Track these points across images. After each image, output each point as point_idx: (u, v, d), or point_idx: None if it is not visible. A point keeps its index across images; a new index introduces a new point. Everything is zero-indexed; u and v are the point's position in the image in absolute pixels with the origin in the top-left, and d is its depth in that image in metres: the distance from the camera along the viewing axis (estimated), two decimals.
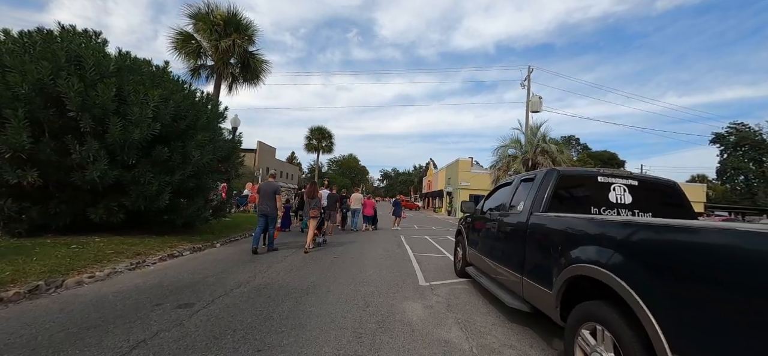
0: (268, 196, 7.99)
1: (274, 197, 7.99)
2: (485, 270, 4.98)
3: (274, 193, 8.01)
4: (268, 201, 7.96)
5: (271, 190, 8.03)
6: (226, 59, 14.21)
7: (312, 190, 9.05)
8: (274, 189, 8.08)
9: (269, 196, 7.98)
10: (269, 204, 7.95)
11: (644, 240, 2.09)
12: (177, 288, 4.75)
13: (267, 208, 7.93)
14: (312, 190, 9.05)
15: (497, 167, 20.05)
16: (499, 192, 5.38)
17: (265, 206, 7.94)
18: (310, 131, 41.75)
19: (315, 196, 8.96)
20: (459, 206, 35.60)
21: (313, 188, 9.10)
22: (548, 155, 18.40)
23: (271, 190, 8.03)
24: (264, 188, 8.20)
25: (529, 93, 22.44)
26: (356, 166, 65.56)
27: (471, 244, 5.88)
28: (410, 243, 11.17)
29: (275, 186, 8.14)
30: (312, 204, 8.82)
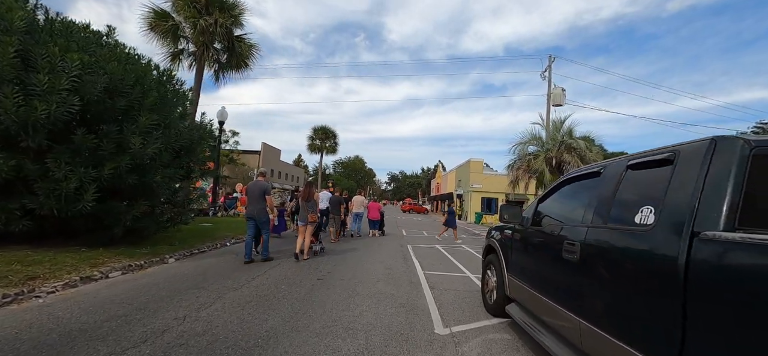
0: (255, 197, 7.08)
1: (263, 199, 7.07)
2: (547, 317, 3.01)
3: (262, 194, 7.08)
4: (255, 203, 7.05)
5: (258, 190, 7.11)
6: (209, 42, 12.52)
7: (307, 192, 7.95)
8: (263, 189, 7.11)
9: (257, 197, 7.07)
10: (257, 206, 7.03)
11: None
12: (44, 342, 2.89)
13: (254, 211, 7.03)
14: (307, 192, 7.95)
15: (515, 167, 17.93)
16: (569, 190, 3.39)
17: (253, 209, 7.07)
18: (314, 130, 40.02)
19: (311, 198, 7.90)
20: (470, 209, 33.70)
21: (308, 190, 7.99)
22: (575, 153, 16.23)
23: (258, 190, 7.11)
24: (251, 188, 7.33)
25: (550, 85, 20.29)
26: (362, 168, 63.67)
27: (514, 271, 3.88)
28: (419, 255, 9.19)
29: (264, 186, 7.17)
30: (308, 208, 7.75)
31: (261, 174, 7.75)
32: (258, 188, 7.14)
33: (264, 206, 7.07)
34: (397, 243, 11.79)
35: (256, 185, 7.27)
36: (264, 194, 7.08)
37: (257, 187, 7.17)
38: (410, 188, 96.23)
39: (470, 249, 11.24)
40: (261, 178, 7.55)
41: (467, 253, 10.28)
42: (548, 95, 20.03)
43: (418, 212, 49.12)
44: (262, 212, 7.05)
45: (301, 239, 7.65)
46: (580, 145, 16.14)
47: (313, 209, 7.78)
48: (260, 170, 8.06)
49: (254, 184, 7.36)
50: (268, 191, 7.19)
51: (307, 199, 7.83)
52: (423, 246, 11.27)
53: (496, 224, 5.14)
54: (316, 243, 8.43)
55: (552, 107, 19.84)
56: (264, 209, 7.07)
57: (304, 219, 7.68)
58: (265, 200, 7.06)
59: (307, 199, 7.82)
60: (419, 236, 14.58)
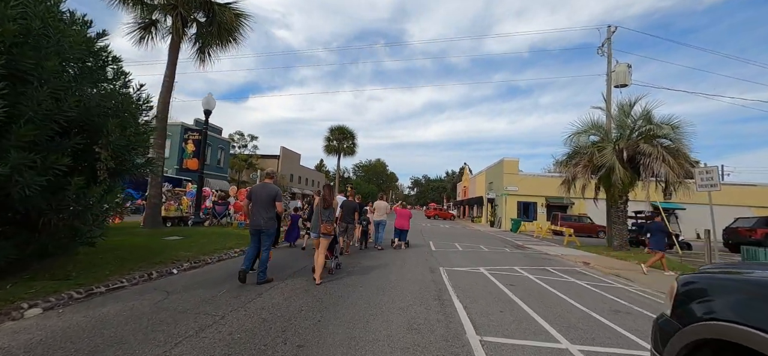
0: (263, 204, 5.78)
1: (273, 206, 5.84)
2: None
3: (271, 200, 5.83)
4: (263, 211, 5.76)
5: (266, 196, 5.83)
6: (184, 8, 10.03)
7: (327, 196, 6.40)
8: (273, 195, 5.87)
9: (266, 203, 5.79)
10: (265, 215, 5.75)
11: None
12: None
13: (262, 221, 5.71)
14: (327, 196, 6.40)
15: (573, 163, 14.22)
16: None
17: (260, 219, 5.72)
18: (330, 130, 37.51)
19: (330, 206, 6.42)
20: (504, 215, 29.58)
21: (328, 194, 6.43)
22: (658, 143, 12.39)
23: (266, 196, 5.83)
24: (257, 192, 5.93)
25: (610, 61, 16.45)
26: (384, 171, 60.72)
27: None
28: (460, 289, 5.98)
29: (273, 191, 5.91)
30: (324, 216, 6.24)
31: (268, 176, 6.24)
32: (266, 192, 5.80)
33: (273, 216, 5.80)
34: (425, 263, 8.60)
35: (263, 189, 5.89)
36: (273, 200, 5.79)
37: (265, 191, 5.81)
38: (434, 193, 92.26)
39: (534, 277, 7.87)
40: (268, 180, 6.12)
41: (534, 286, 6.95)
42: (609, 74, 16.20)
43: (443, 218, 45.45)
44: (271, 223, 5.76)
45: (322, 255, 6.06)
46: (666, 132, 12.28)
47: (329, 218, 6.26)
48: (267, 171, 6.41)
49: (261, 188, 5.97)
50: (278, 197, 5.88)
51: (326, 206, 6.27)
52: (462, 270, 8.01)
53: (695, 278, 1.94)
54: (332, 258, 6.84)
55: (614, 88, 16.00)
56: (273, 219, 5.82)
57: (317, 230, 6.10)
58: (274, 208, 5.78)
59: (327, 206, 6.27)
60: (452, 252, 11.28)
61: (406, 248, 11.62)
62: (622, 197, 13.57)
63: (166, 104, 10.12)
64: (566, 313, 4.93)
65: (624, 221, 13.62)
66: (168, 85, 10.07)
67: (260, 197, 5.78)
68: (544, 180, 30.57)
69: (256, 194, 5.85)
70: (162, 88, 10.05)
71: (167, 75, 10.08)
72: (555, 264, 10.22)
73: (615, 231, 13.72)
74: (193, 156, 11.77)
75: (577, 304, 5.51)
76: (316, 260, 5.99)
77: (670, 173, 11.55)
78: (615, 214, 13.80)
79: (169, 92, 10.09)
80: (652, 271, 9.79)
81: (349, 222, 9.61)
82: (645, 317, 5.08)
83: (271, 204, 5.78)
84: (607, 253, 12.93)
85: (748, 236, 16.86)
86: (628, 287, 7.60)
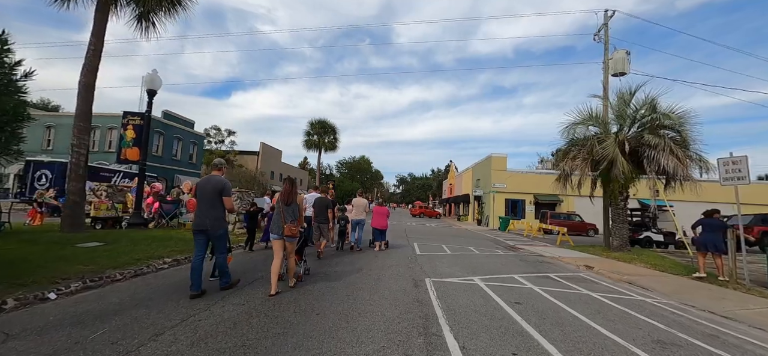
0: (209, 199, 4.71)
1: (220, 202, 4.76)
2: None
3: (217, 195, 4.73)
4: (208, 208, 4.70)
5: (212, 190, 4.72)
6: None
7: (288, 193, 5.33)
8: (219, 188, 4.74)
9: (211, 199, 4.72)
10: (211, 214, 4.69)
11: None
12: None
13: (206, 220, 4.66)
14: (288, 193, 5.33)
15: (571, 156, 13.00)
16: None
17: (204, 217, 4.68)
18: (310, 124, 35.42)
19: (292, 202, 5.31)
20: (492, 213, 28.43)
21: (289, 188, 5.37)
22: (665, 134, 11.27)
23: (212, 190, 4.72)
24: (202, 187, 4.81)
25: (608, 48, 15.37)
26: (368, 169, 59.01)
27: None
28: (451, 312, 4.49)
29: (220, 184, 4.76)
30: (287, 215, 5.18)
31: (215, 166, 5.19)
32: (211, 186, 4.83)
33: (221, 214, 4.88)
34: (408, 272, 7.08)
35: (208, 182, 4.92)
36: (220, 195, 4.83)
37: (210, 185, 4.85)
38: (419, 191, 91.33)
39: (539, 289, 6.47)
40: (216, 172, 5.10)
41: (544, 303, 5.54)
42: (606, 61, 15.12)
43: (429, 216, 44.26)
44: (218, 222, 4.84)
45: (278, 262, 5.12)
46: (675, 122, 11.14)
47: (293, 217, 5.31)
48: (216, 162, 5.27)
49: (206, 181, 4.98)
50: (226, 191, 4.89)
51: (288, 202, 5.33)
52: (453, 282, 6.53)
53: None
54: (300, 263, 6.01)
55: (612, 76, 14.92)
56: (221, 217, 4.89)
57: (279, 231, 5.17)
58: (222, 205, 4.86)
59: (288, 202, 5.33)
60: (440, 257, 9.82)
61: (386, 250, 10.40)
62: (622, 193, 12.46)
63: (91, 84, 8.21)
64: (602, 351, 3.51)
65: (624, 220, 12.51)
66: (93, 58, 8.15)
67: (205, 191, 4.77)
68: (533, 177, 29.69)
69: (200, 189, 4.84)
70: (85, 60, 8.12)
71: (92, 45, 8.16)
72: (556, 269, 8.92)
73: (615, 230, 12.59)
74: (134, 144, 9.81)
75: (608, 332, 4.12)
76: (273, 270, 5.02)
77: (679, 167, 10.44)
78: (614, 212, 12.67)
79: (93, 66, 8.17)
80: (657, 274, 8.63)
81: (322, 222, 8.63)
82: (697, 349, 3.76)
83: (218, 200, 4.77)
84: (607, 254, 11.79)
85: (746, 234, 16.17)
86: (648, 297, 6.36)
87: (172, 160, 32.39)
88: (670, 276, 8.74)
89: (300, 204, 5.78)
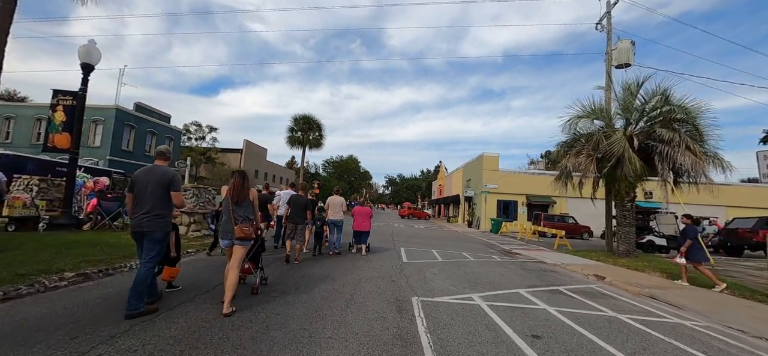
0: (149, 195, 3.82)
1: (166, 197, 3.89)
2: None
3: (164, 188, 3.87)
4: (149, 204, 3.81)
5: (155, 182, 3.86)
6: None
7: (237, 189, 4.26)
8: (166, 181, 3.89)
9: (153, 194, 3.83)
10: (152, 211, 3.81)
11: None
12: None
13: (144, 220, 3.78)
14: (237, 189, 4.26)
15: (574, 152, 11.80)
16: None
17: (143, 216, 3.79)
18: (294, 120, 33.52)
19: (244, 200, 4.29)
20: (483, 214, 27.11)
21: (238, 186, 4.27)
22: (679, 129, 10.15)
23: (155, 182, 3.86)
24: (142, 178, 3.90)
25: (610, 38, 14.31)
26: (356, 168, 57.41)
27: None
28: (444, 345, 3.11)
29: (167, 175, 3.91)
30: (239, 214, 4.22)
31: (160, 155, 4.08)
32: (155, 178, 3.83)
33: (165, 213, 3.86)
34: (392, 287, 5.67)
35: (150, 173, 3.88)
36: (167, 189, 3.84)
37: (153, 177, 3.84)
38: (409, 192, 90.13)
39: (554, 310, 5.15)
40: (161, 161, 4.03)
41: (567, 334, 4.21)
42: (608, 52, 14.05)
43: (418, 217, 43.01)
44: (159, 222, 3.80)
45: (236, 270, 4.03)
46: (692, 115, 10.02)
47: (245, 216, 4.22)
48: (160, 149, 4.13)
49: (147, 171, 3.91)
50: (173, 184, 3.88)
51: (238, 201, 4.24)
52: (447, 302, 5.15)
53: None
54: (256, 272, 5.10)
55: (615, 68, 13.86)
56: (164, 217, 3.85)
57: (229, 235, 4.14)
58: (167, 202, 3.87)
59: (238, 201, 4.24)
60: (430, 266, 8.44)
61: (367, 254, 9.21)
62: (628, 193, 11.34)
63: None
64: None
65: (631, 223, 11.39)
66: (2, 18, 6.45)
67: (146, 184, 3.84)
68: (526, 178, 28.74)
69: (139, 181, 3.88)
70: None
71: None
72: (564, 281, 7.67)
73: (620, 234, 11.47)
74: (64, 129, 8.11)
75: None
76: (227, 277, 4.05)
77: (698, 164, 9.34)
78: (620, 214, 11.55)
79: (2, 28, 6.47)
80: (678, 286, 7.47)
81: (298, 222, 7.70)
82: None
83: (163, 195, 3.85)
84: (614, 261, 10.63)
85: (749, 238, 15.39)
86: (685, 318, 5.18)
87: (144, 156, 30.24)
88: (693, 287, 7.59)
89: (254, 202, 4.44)
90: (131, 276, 4.44)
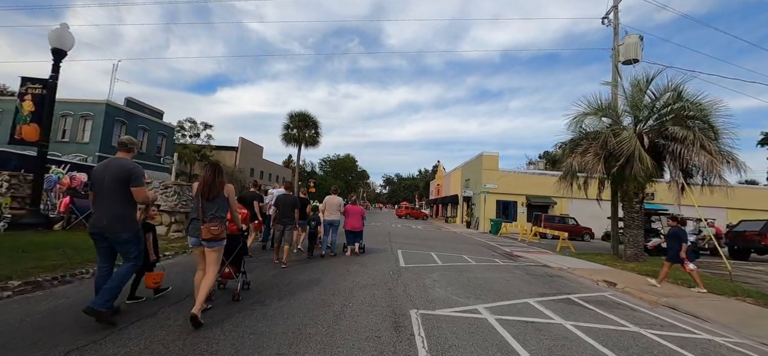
0: (108, 191, 3.40)
1: (125, 194, 3.43)
2: None
3: (123, 184, 3.42)
4: (108, 202, 3.41)
5: (114, 177, 3.41)
6: None
7: (208, 183, 3.76)
8: (125, 176, 3.43)
9: (112, 191, 3.40)
10: (112, 209, 3.40)
11: None
12: None
13: (104, 218, 3.39)
14: (208, 183, 3.76)
15: (580, 151, 11.24)
16: None
17: (102, 216, 3.39)
18: (289, 117, 32.79)
19: (217, 195, 3.79)
20: (483, 215, 26.51)
21: (210, 180, 3.78)
22: (694, 127, 9.60)
23: (114, 177, 3.41)
24: (99, 173, 3.48)
25: (617, 33, 13.79)
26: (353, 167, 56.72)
27: None
28: None
29: (125, 169, 3.45)
30: (208, 211, 3.71)
31: (122, 146, 3.61)
32: (112, 172, 3.39)
33: (127, 212, 3.47)
34: (387, 296, 5.08)
35: (107, 168, 3.45)
36: (126, 184, 3.40)
37: (110, 171, 3.41)
38: (406, 192, 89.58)
39: (571, 325, 4.57)
40: (123, 154, 3.58)
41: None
42: (615, 48, 13.52)
43: (416, 217, 42.48)
44: (122, 221, 3.42)
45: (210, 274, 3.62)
46: (706, 112, 9.48)
47: (216, 215, 3.68)
48: (123, 139, 3.64)
49: (104, 166, 3.48)
50: (134, 179, 3.42)
51: (209, 196, 3.72)
52: (449, 315, 4.57)
53: None
54: (237, 276, 4.62)
55: (621, 64, 13.33)
56: (126, 217, 3.46)
57: (197, 234, 3.65)
58: (128, 199, 3.43)
59: (210, 196, 3.72)
60: (429, 271, 7.86)
61: (362, 256, 8.82)
62: (638, 194, 10.82)
63: None
64: None
65: (640, 225, 10.87)
66: None
67: (100, 180, 3.42)
68: (526, 178, 28.25)
69: (97, 176, 3.47)
70: None
71: None
72: (573, 288, 7.11)
73: (628, 237, 10.93)
74: (32, 120, 7.44)
75: None
76: (196, 283, 3.73)
77: (714, 164, 8.81)
78: (628, 215, 11.02)
79: None
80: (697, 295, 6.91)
81: (286, 223, 7.16)
82: None
83: (122, 191, 3.42)
84: (622, 265, 10.10)
85: (757, 241, 14.92)
86: (715, 334, 4.68)
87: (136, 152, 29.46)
88: (713, 296, 7.05)
89: (230, 198, 3.87)
90: (91, 284, 3.83)
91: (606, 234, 21.21)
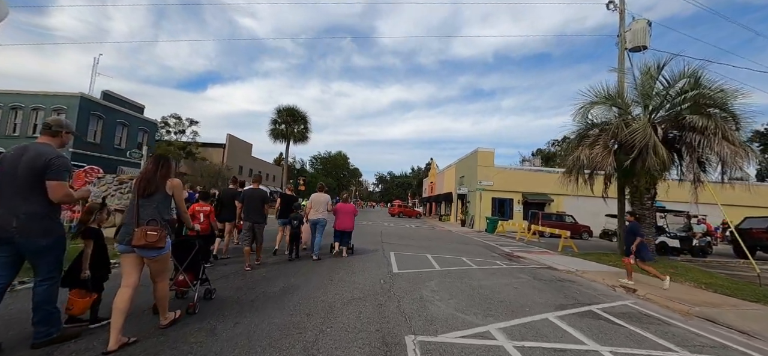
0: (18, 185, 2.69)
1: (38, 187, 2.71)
2: None
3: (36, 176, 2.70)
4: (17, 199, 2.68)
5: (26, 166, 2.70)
6: None
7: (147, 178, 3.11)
8: (39, 167, 2.69)
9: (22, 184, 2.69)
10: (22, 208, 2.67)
11: None
12: None
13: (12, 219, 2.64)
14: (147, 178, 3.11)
15: (588, 143, 10.36)
16: None
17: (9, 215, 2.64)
18: (277, 112, 31.44)
19: (156, 191, 3.11)
20: (478, 213, 25.66)
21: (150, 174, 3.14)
22: (715, 115, 8.77)
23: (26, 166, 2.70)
24: (9, 162, 2.73)
25: (624, 19, 12.97)
26: (345, 165, 55.53)
27: None
28: None
29: (42, 157, 2.72)
30: (145, 210, 3.03)
31: (46, 129, 2.92)
32: (25, 162, 2.71)
33: (41, 212, 2.74)
34: (377, 314, 4.07)
35: (18, 156, 2.74)
36: (40, 177, 2.71)
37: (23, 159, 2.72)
38: (399, 190, 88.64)
39: (608, 352, 3.59)
40: (45, 139, 2.91)
41: None
42: (621, 34, 12.69)
43: (409, 216, 41.51)
44: (36, 223, 2.71)
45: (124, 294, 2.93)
46: (727, 100, 8.65)
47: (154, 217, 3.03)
48: (47, 121, 2.95)
49: (17, 154, 2.76)
50: (52, 171, 2.72)
51: (147, 192, 3.09)
52: (458, 344, 3.58)
53: None
54: (194, 285, 3.98)
55: (628, 51, 12.51)
56: (43, 217, 2.74)
57: (127, 238, 2.97)
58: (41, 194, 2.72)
59: (147, 193, 3.09)
60: (426, 277, 6.88)
61: (350, 258, 7.98)
62: (649, 190, 9.99)
63: None
64: None
65: (651, 223, 10.06)
66: None
67: (10, 169, 2.67)
68: (522, 174, 27.49)
69: (4, 165, 2.71)
70: None
71: None
72: (591, 296, 6.20)
73: None
74: None
75: None
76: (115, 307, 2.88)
77: (738, 155, 8.00)
78: (639, 213, 10.17)
79: None
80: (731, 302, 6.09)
81: (255, 221, 6.37)
82: None
83: (37, 185, 2.67)
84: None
85: (763, 238, 14.34)
86: None
87: (114, 149, 27.98)
88: (747, 303, 6.21)
89: (175, 196, 3.31)
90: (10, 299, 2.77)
91: (604, 232, 20.54)
